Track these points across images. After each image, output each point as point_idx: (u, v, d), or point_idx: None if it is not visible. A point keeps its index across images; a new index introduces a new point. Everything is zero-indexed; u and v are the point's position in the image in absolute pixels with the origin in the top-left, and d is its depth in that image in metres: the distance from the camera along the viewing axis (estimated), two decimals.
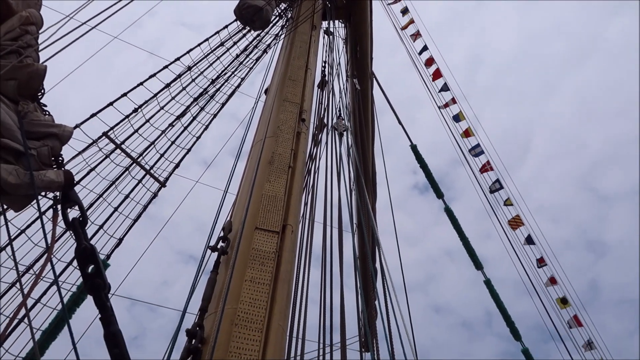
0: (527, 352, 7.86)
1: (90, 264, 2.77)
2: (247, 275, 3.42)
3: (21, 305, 2.39)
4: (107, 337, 2.67)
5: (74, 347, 2.88)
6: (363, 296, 5.64)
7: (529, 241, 11.32)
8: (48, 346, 5.25)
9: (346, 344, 6.16)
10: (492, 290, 7.48)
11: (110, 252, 6.24)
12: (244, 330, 3.10)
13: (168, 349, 3.36)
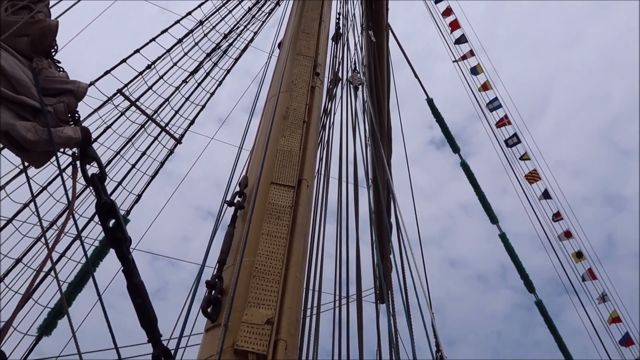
0: (540, 304, 7.97)
1: (110, 218, 2.84)
2: (264, 229, 3.48)
3: (46, 258, 2.47)
4: (130, 288, 2.77)
5: (99, 298, 3.00)
6: (378, 249, 5.72)
7: (546, 195, 11.24)
8: (75, 297, 5.48)
9: (362, 295, 6.29)
10: (506, 244, 7.51)
11: (129, 208, 6.39)
12: (262, 282, 3.18)
13: (188, 299, 3.47)
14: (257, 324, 2.97)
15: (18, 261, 5.38)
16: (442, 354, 3.92)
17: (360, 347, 5.32)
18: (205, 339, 3.14)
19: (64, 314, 5.20)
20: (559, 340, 7.85)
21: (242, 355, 2.85)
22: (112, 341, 2.77)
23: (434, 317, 4.17)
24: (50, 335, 5.36)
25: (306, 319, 5.09)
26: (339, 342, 5.41)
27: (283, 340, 2.98)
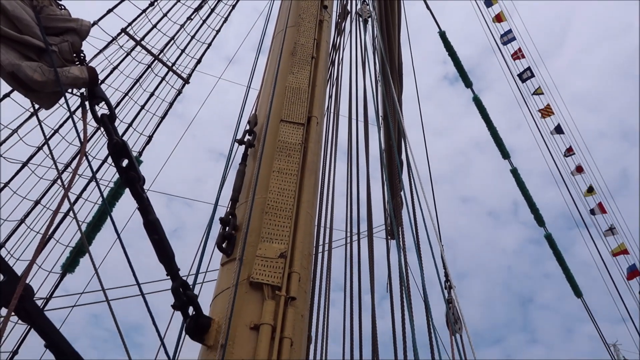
0: (549, 238, 8.07)
1: (123, 158, 2.87)
2: (275, 166, 3.51)
3: (63, 197, 2.53)
4: (147, 225, 2.85)
5: (117, 236, 3.09)
6: (389, 186, 5.75)
7: (558, 130, 11.09)
8: (94, 237, 5.65)
9: (372, 231, 6.41)
10: (518, 178, 7.51)
11: (141, 150, 6.44)
12: (274, 218, 3.25)
13: (203, 237, 3.57)
14: (271, 258, 3.06)
15: (37, 203, 5.52)
16: (450, 283, 4.03)
17: (372, 281, 5.49)
18: (222, 272, 3.25)
19: (85, 252, 5.39)
20: (567, 272, 8.02)
21: (257, 287, 2.96)
22: (133, 277, 2.89)
23: (443, 249, 4.25)
24: (74, 272, 5.58)
25: (318, 255, 5.23)
26: (350, 276, 5.58)
27: (296, 273, 3.08)
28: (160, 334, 2.76)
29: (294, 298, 2.97)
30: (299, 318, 2.99)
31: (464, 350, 3.57)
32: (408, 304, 3.50)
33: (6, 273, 2.16)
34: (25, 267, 2.21)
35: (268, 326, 2.77)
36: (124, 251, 2.93)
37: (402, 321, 3.72)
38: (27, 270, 2.13)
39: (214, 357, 2.72)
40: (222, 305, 2.96)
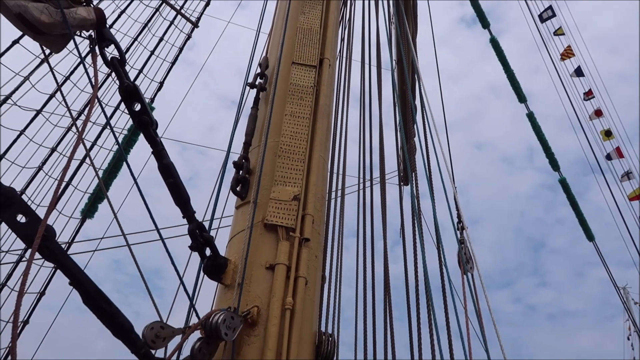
0: (564, 182, 8.01)
1: (135, 101, 2.87)
2: (287, 110, 3.48)
3: (78, 140, 2.55)
4: (161, 168, 2.88)
5: (134, 181, 3.14)
6: (403, 131, 5.69)
7: (578, 73, 10.77)
8: (111, 183, 5.75)
9: (385, 177, 6.40)
10: (533, 122, 7.38)
11: (153, 96, 6.42)
12: (287, 161, 3.26)
13: (217, 181, 3.61)
14: (285, 200, 3.10)
15: (53, 150, 5.59)
16: (463, 224, 4.07)
17: (384, 225, 5.55)
18: (237, 215, 3.30)
19: (103, 198, 5.50)
20: (580, 215, 8.02)
21: (272, 229, 3.02)
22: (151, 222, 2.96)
23: (456, 191, 4.25)
24: (93, 218, 5.73)
25: (331, 202, 5.27)
26: (363, 222, 5.64)
27: (310, 215, 3.12)
28: (179, 274, 2.86)
29: (308, 239, 3.03)
30: (313, 258, 3.06)
31: (474, 288, 3.65)
32: (421, 241, 3.55)
33: (27, 215, 2.21)
34: (47, 210, 2.26)
35: (283, 266, 2.84)
36: (140, 195, 2.99)
37: (414, 261, 3.78)
38: (48, 211, 2.18)
39: (231, 295, 2.81)
40: (237, 247, 3.02)
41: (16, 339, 2.25)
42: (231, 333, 2.52)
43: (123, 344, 2.38)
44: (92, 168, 4.86)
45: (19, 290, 1.93)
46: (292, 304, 2.73)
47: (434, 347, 3.64)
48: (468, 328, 3.53)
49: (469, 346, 3.39)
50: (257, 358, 2.57)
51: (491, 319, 3.62)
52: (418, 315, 4.04)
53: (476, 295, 3.65)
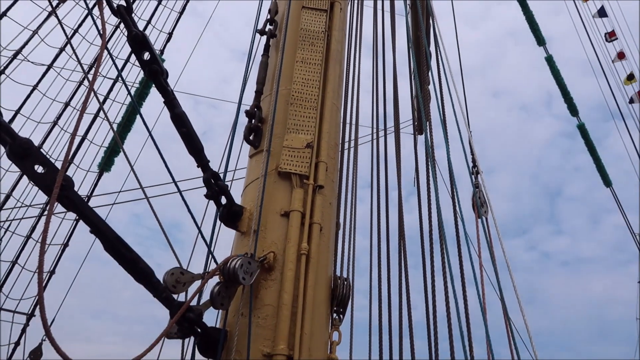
0: (582, 128, 7.85)
1: (144, 50, 2.83)
2: (298, 56, 3.41)
3: (89, 92, 2.54)
4: (174, 118, 2.88)
5: (149, 134, 3.16)
6: (417, 78, 5.58)
7: (601, 13, 10.32)
8: (125, 136, 5.79)
9: (399, 126, 6.33)
10: (552, 66, 7.15)
11: (162, 47, 6.34)
12: (299, 109, 3.23)
13: (230, 133, 3.60)
14: (298, 148, 3.09)
15: (67, 105, 5.62)
16: (477, 168, 4.03)
17: (399, 174, 5.54)
18: (250, 164, 3.32)
19: (119, 152, 5.56)
20: (598, 161, 7.90)
21: (286, 177, 3.03)
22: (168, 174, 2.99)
23: (471, 135, 4.19)
24: (110, 171, 5.82)
25: (344, 152, 5.25)
26: (377, 172, 5.63)
27: (323, 162, 3.12)
28: (196, 222, 2.92)
29: (322, 186, 3.04)
30: (327, 205, 3.08)
31: (488, 232, 3.65)
32: (435, 187, 3.54)
33: (45, 165, 2.24)
34: (64, 159, 2.29)
35: (298, 212, 2.88)
36: (155, 145, 3.01)
37: (428, 208, 3.79)
38: (65, 160, 2.21)
39: (247, 242, 2.86)
40: (252, 195, 3.06)
41: (42, 287, 2.34)
42: (249, 277, 2.59)
43: (145, 288, 2.47)
44: (107, 121, 4.88)
45: (41, 238, 1.99)
46: (307, 249, 2.78)
47: (447, 293, 3.70)
48: (482, 272, 3.57)
49: (483, 291, 3.44)
50: (274, 301, 2.65)
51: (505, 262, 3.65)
52: (432, 263, 4.09)
53: (490, 240, 3.66)
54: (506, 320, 3.54)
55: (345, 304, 3.01)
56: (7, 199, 5.39)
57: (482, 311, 3.16)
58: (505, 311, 3.47)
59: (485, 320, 3.20)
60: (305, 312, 2.61)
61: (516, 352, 3.51)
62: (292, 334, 2.55)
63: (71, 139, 2.29)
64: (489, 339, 3.10)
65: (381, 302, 4.38)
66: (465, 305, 3.40)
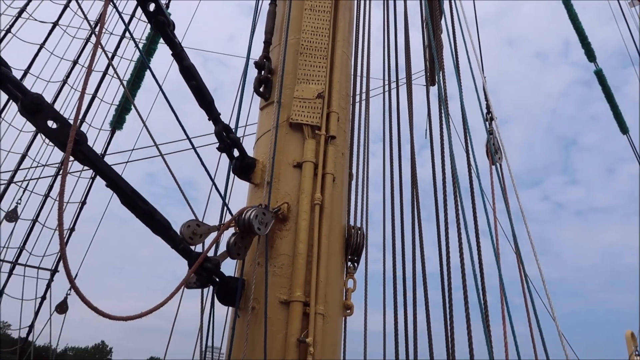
0: (599, 74, 7.61)
1: (149, 1, 2.77)
2: (306, 4, 3.31)
3: (95, 46, 2.51)
4: (183, 71, 2.85)
5: (159, 88, 3.13)
6: (430, 25, 5.41)
7: None
8: (135, 93, 5.76)
9: (411, 77, 6.21)
10: (569, 9, 6.86)
11: (167, 1, 6.21)
12: (309, 58, 3.17)
13: (240, 83, 3.57)
14: (309, 99, 3.06)
15: (75, 63, 5.58)
16: (492, 115, 3.95)
17: (411, 125, 5.47)
18: (261, 116, 3.30)
19: (130, 109, 5.56)
20: (615, 107, 7.70)
21: (297, 128, 3.01)
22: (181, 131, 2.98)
23: (485, 80, 4.07)
24: (122, 129, 5.84)
25: (356, 105, 5.17)
26: (389, 125, 5.56)
27: (335, 113, 3.09)
28: (210, 174, 2.93)
29: (334, 137, 3.02)
30: (339, 156, 3.08)
31: (503, 178, 3.62)
32: (448, 134, 3.49)
33: (58, 120, 2.25)
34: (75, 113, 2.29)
35: (310, 163, 2.88)
36: (166, 99, 2.99)
37: (441, 157, 3.75)
38: (77, 114, 2.21)
39: (261, 194, 2.89)
40: (264, 147, 3.05)
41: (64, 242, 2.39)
42: (264, 228, 2.63)
43: (163, 240, 2.52)
44: (116, 77, 4.85)
45: (59, 191, 2.02)
46: (320, 199, 2.79)
47: (461, 242, 3.71)
48: (495, 217, 3.57)
49: (496, 233, 3.44)
50: (289, 250, 2.70)
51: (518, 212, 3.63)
52: (445, 213, 4.09)
53: (504, 186, 3.63)
54: (520, 266, 3.56)
55: (359, 252, 3.05)
56: (23, 159, 5.47)
57: (496, 255, 3.18)
58: (519, 256, 3.48)
59: (499, 265, 3.23)
60: (320, 260, 2.66)
61: (530, 300, 3.56)
62: (307, 281, 2.61)
63: (81, 95, 2.29)
64: (502, 283, 3.14)
65: (395, 254, 4.42)
66: (478, 250, 3.40)
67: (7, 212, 5.48)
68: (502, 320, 3.34)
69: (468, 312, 3.10)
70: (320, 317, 2.56)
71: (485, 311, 3.14)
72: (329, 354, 2.63)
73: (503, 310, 3.53)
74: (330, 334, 2.65)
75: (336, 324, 2.76)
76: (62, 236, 2.14)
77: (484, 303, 3.22)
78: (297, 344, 2.44)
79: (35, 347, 6.42)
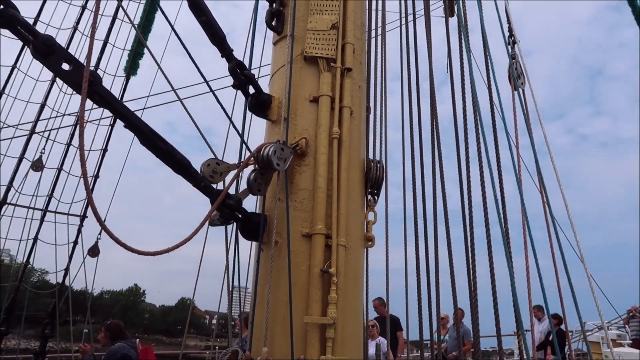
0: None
1: None
2: None
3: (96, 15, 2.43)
4: (192, 6, 2.76)
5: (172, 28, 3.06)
6: None
7: None
8: (147, 37, 5.67)
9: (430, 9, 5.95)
10: None
11: None
12: None
13: (252, 16, 3.46)
14: (323, 30, 2.96)
15: (84, 8, 5.48)
16: (514, 38, 3.77)
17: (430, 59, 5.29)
18: (275, 51, 3.22)
19: (142, 54, 5.49)
20: None
21: (312, 61, 2.94)
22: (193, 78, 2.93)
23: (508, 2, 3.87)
24: (136, 74, 5.80)
25: (371, 41, 4.99)
26: (407, 60, 5.38)
27: (350, 44, 2.99)
28: (226, 112, 2.92)
29: (350, 69, 2.95)
30: (356, 88, 3.01)
31: (526, 105, 3.51)
32: (468, 58, 3.37)
33: (71, 62, 2.23)
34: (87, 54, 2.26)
35: (327, 97, 2.83)
36: (178, 38, 2.94)
37: (462, 89, 3.63)
38: (89, 54, 2.19)
39: (278, 130, 2.87)
40: (279, 83, 3.00)
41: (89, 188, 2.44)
42: (282, 163, 2.63)
43: (184, 179, 2.55)
44: (127, 18, 4.76)
45: (78, 131, 2.03)
46: (338, 133, 2.77)
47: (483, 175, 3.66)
48: (517, 148, 3.50)
49: (519, 163, 3.39)
50: (309, 185, 2.71)
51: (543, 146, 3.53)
52: (467, 146, 4.02)
53: (527, 112, 3.52)
54: (543, 194, 3.51)
55: (379, 185, 3.05)
56: (42, 109, 5.52)
57: (518, 183, 3.14)
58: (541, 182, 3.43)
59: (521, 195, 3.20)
60: (340, 194, 2.67)
61: (555, 232, 3.54)
62: (328, 215, 2.63)
63: (91, 33, 2.24)
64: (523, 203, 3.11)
65: (415, 191, 4.40)
66: (500, 181, 3.35)
67: (33, 161, 5.62)
68: (524, 246, 3.34)
69: (489, 234, 3.10)
70: (342, 249, 2.61)
71: (507, 238, 3.15)
72: (351, 284, 2.70)
73: (525, 239, 3.53)
74: (352, 264, 2.70)
75: (358, 255, 2.82)
76: (86, 175, 2.17)
77: (505, 230, 3.23)
78: (321, 275, 2.50)
79: (73, 292, 6.76)
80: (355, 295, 2.75)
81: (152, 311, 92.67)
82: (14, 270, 6.61)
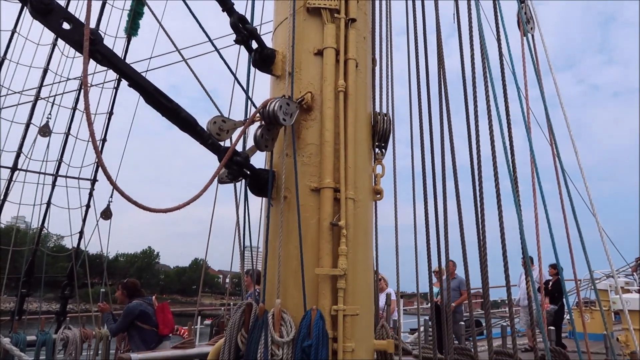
0: None
1: None
2: None
3: None
4: None
5: None
6: None
7: None
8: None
9: None
10: None
11: None
12: None
13: None
14: None
15: None
16: None
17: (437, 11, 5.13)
18: (277, 4, 3.14)
19: (142, 13, 5.38)
20: None
21: (316, 13, 2.87)
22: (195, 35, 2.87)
23: None
24: (137, 35, 5.71)
25: None
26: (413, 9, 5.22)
27: None
28: (230, 68, 2.88)
29: (354, 20, 2.88)
30: (361, 40, 2.95)
31: (536, 52, 3.41)
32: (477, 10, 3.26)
33: (71, 21, 2.20)
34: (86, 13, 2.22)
35: (331, 49, 2.77)
36: None
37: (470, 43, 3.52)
38: (88, 13, 2.15)
39: (283, 85, 2.83)
40: (283, 37, 2.94)
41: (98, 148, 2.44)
42: (289, 118, 2.61)
43: (191, 137, 2.55)
44: None
45: (83, 91, 2.03)
46: (344, 86, 2.73)
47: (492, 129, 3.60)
48: (527, 95, 3.43)
49: (528, 115, 3.33)
50: (316, 139, 2.70)
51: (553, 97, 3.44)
52: (475, 97, 3.94)
53: (537, 59, 3.43)
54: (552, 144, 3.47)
55: (386, 138, 3.03)
56: (45, 73, 5.48)
57: (528, 135, 3.11)
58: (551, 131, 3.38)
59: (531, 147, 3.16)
60: (347, 147, 2.66)
61: (565, 183, 3.51)
62: (336, 168, 2.63)
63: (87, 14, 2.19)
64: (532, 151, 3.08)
65: (423, 146, 4.35)
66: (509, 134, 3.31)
67: (40, 126, 5.63)
68: (533, 197, 3.33)
69: (499, 187, 3.09)
70: (351, 202, 2.62)
71: (516, 190, 3.13)
72: (361, 236, 2.73)
73: (534, 191, 3.51)
74: (361, 217, 2.72)
75: (367, 208, 2.83)
76: (94, 135, 2.18)
77: (515, 183, 3.20)
78: (330, 228, 2.53)
79: (89, 255, 6.91)
80: (365, 247, 2.78)
81: (167, 272, 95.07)
82: (31, 236, 6.75)
